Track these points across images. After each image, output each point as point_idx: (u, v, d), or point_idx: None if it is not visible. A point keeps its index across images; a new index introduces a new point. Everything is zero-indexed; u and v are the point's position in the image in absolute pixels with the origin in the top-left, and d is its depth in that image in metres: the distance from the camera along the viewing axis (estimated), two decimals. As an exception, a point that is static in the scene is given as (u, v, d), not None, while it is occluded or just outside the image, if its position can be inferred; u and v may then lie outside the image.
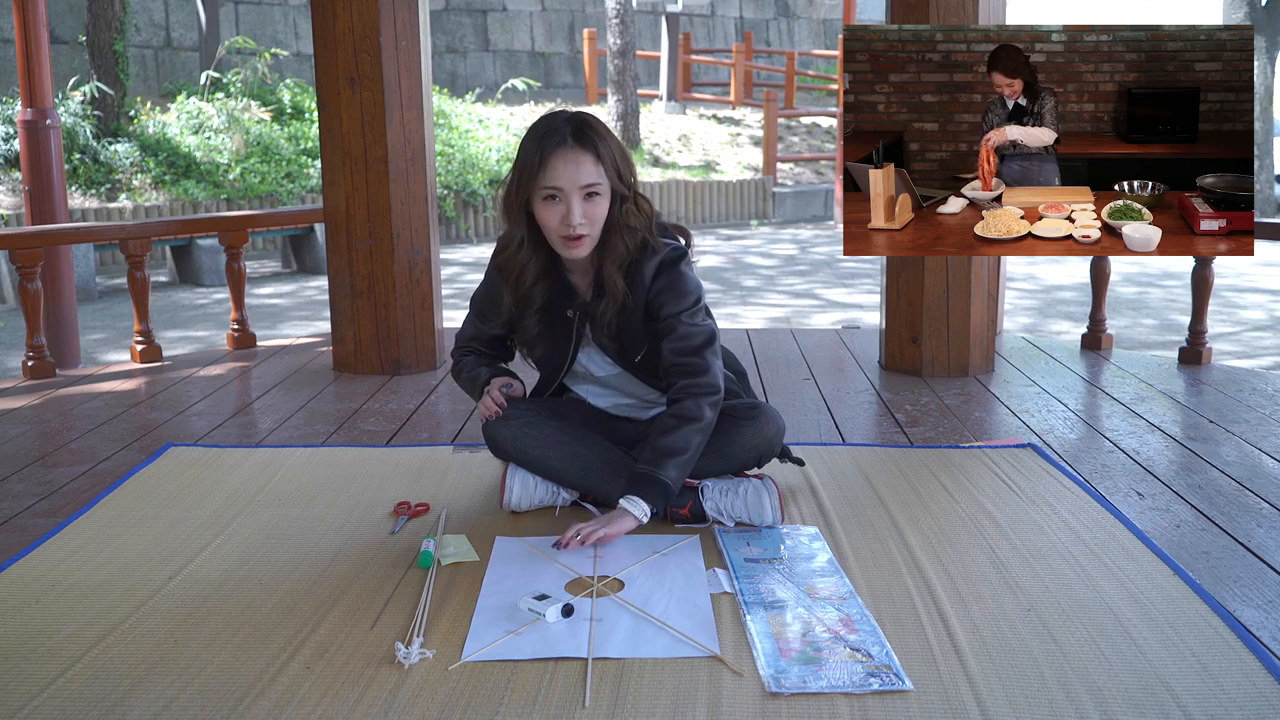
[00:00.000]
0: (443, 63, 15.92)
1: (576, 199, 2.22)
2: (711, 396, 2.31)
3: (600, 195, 2.24)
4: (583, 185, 2.21)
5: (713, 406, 2.32)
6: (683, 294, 2.33)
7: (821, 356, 4.39)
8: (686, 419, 2.29)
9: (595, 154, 2.22)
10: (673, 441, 2.28)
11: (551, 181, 2.21)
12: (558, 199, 2.23)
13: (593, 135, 2.23)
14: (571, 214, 2.22)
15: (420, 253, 4.10)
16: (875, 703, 1.66)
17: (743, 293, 8.60)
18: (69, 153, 9.98)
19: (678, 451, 2.27)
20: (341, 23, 3.90)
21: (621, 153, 2.29)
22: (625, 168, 2.28)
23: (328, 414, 3.58)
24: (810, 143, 15.90)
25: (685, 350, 2.32)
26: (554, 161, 2.21)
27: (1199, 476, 2.85)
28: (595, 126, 2.26)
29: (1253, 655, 1.81)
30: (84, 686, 1.73)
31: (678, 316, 2.32)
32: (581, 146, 2.22)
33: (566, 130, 2.22)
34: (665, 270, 2.33)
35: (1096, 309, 4.53)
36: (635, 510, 2.25)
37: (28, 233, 4.43)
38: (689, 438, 2.28)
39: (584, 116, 2.28)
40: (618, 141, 2.30)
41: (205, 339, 6.89)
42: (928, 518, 2.49)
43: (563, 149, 2.21)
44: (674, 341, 2.33)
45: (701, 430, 2.30)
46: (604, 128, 2.28)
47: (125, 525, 2.48)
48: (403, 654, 1.79)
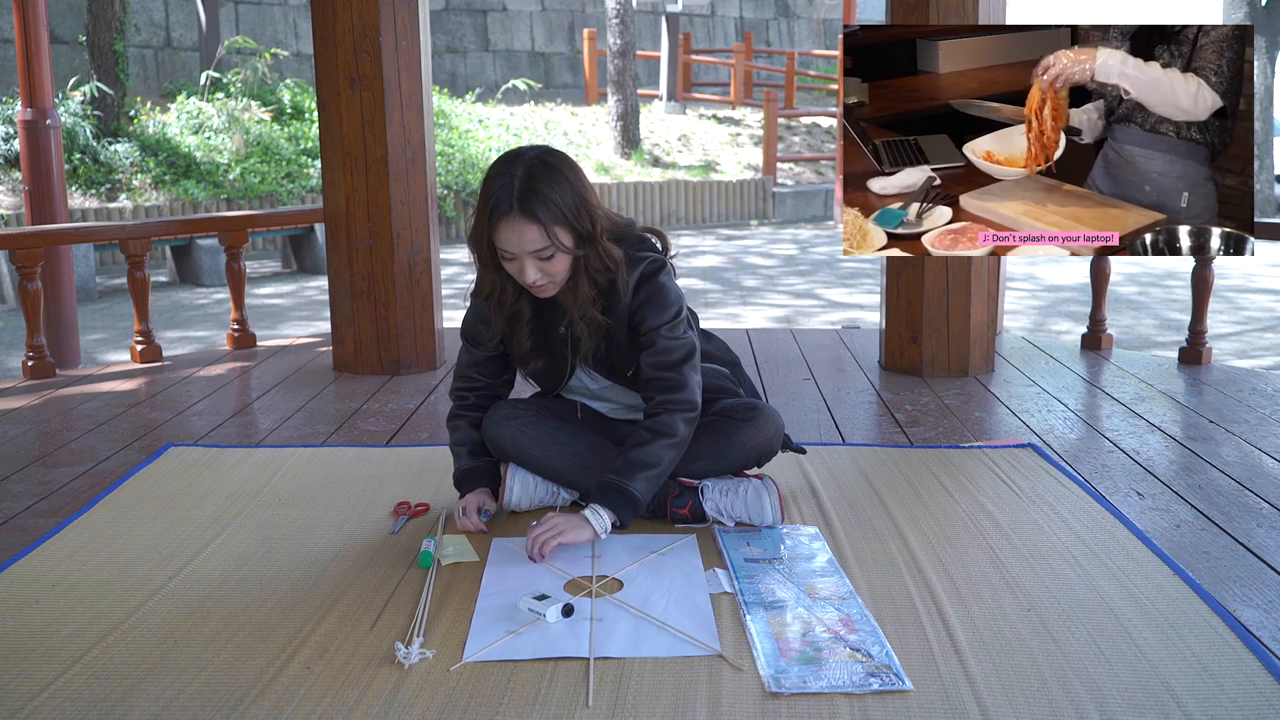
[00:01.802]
0: (443, 63, 15.92)
1: (530, 261, 2.20)
2: (688, 413, 2.32)
3: (554, 254, 2.21)
4: (530, 251, 2.19)
5: (688, 423, 2.32)
6: (663, 306, 2.32)
7: (821, 356, 4.40)
8: (661, 433, 2.29)
9: (540, 223, 2.16)
10: (645, 455, 2.29)
11: (503, 246, 2.21)
12: (513, 258, 2.22)
13: (535, 203, 2.15)
14: (525, 274, 2.22)
15: (420, 253, 4.10)
16: (875, 703, 1.66)
17: (743, 293, 8.59)
18: (69, 153, 9.98)
19: (649, 465, 2.29)
20: (341, 23, 3.91)
21: (575, 205, 2.19)
22: (581, 220, 2.20)
23: (328, 414, 3.58)
24: (810, 143, 15.90)
25: (663, 365, 2.32)
26: (501, 229, 2.18)
27: (1199, 476, 2.85)
28: (540, 190, 2.15)
29: (1253, 655, 1.81)
30: (84, 686, 1.73)
31: (658, 330, 2.31)
32: (525, 217, 2.16)
33: (513, 198, 2.16)
34: (645, 283, 2.31)
35: (1096, 309, 4.53)
36: (595, 523, 2.25)
37: (28, 233, 4.44)
38: (661, 453, 2.29)
39: (534, 176, 2.17)
40: (575, 190, 2.20)
41: (205, 339, 6.89)
42: (928, 518, 2.49)
43: (508, 218, 2.16)
44: (653, 355, 2.32)
45: (675, 446, 2.31)
46: (555, 179, 2.18)
47: (125, 525, 2.48)
48: (403, 654, 1.79)
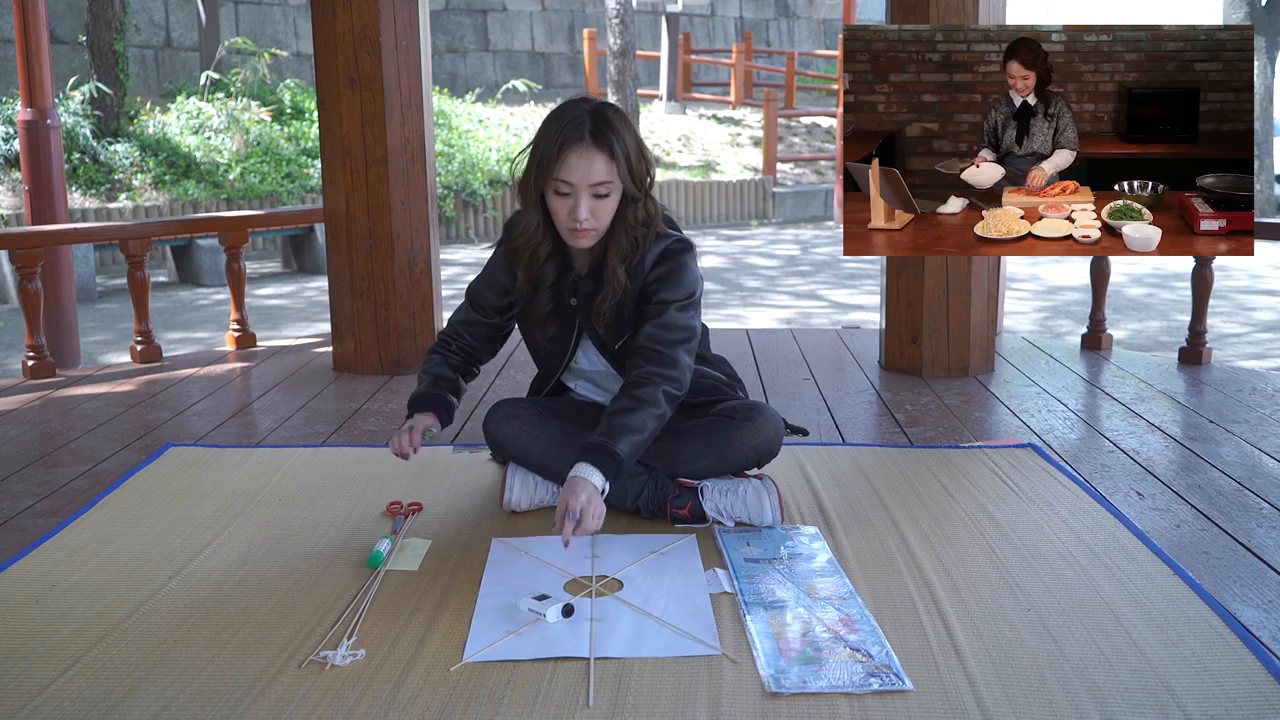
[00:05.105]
0: (443, 63, 15.91)
1: (585, 196, 2.23)
2: (674, 391, 2.29)
3: (610, 195, 2.25)
4: (593, 183, 2.22)
5: (671, 401, 2.29)
6: (680, 284, 2.34)
7: (821, 356, 4.39)
8: (646, 403, 2.25)
9: (610, 153, 2.22)
10: (630, 420, 2.23)
11: (565, 176, 2.23)
12: (569, 194, 2.24)
13: (610, 134, 2.23)
14: (578, 209, 2.24)
15: (420, 253, 4.10)
16: (875, 703, 1.66)
17: (745, 294, 8.59)
18: (69, 153, 9.98)
19: (635, 430, 2.22)
20: (341, 23, 3.90)
21: (638, 150, 2.28)
22: (639, 166, 2.28)
23: (328, 414, 3.58)
24: (810, 143, 15.90)
25: (661, 340, 2.30)
26: (569, 156, 2.21)
27: (1199, 476, 2.85)
28: (614, 124, 2.24)
29: (1253, 655, 1.81)
30: (84, 686, 1.73)
31: (669, 304, 2.32)
32: (597, 145, 2.22)
33: (586, 126, 2.22)
34: (669, 258, 2.34)
35: (1096, 309, 4.53)
36: (593, 479, 2.16)
37: (28, 233, 4.44)
38: (646, 422, 2.24)
39: (605, 113, 2.26)
40: (636, 137, 2.29)
41: (205, 339, 6.89)
42: (928, 518, 2.49)
43: (579, 145, 2.21)
44: (655, 327, 2.31)
45: (658, 418, 2.26)
46: (625, 123, 2.27)
47: (125, 525, 2.48)
48: (333, 656, 1.79)
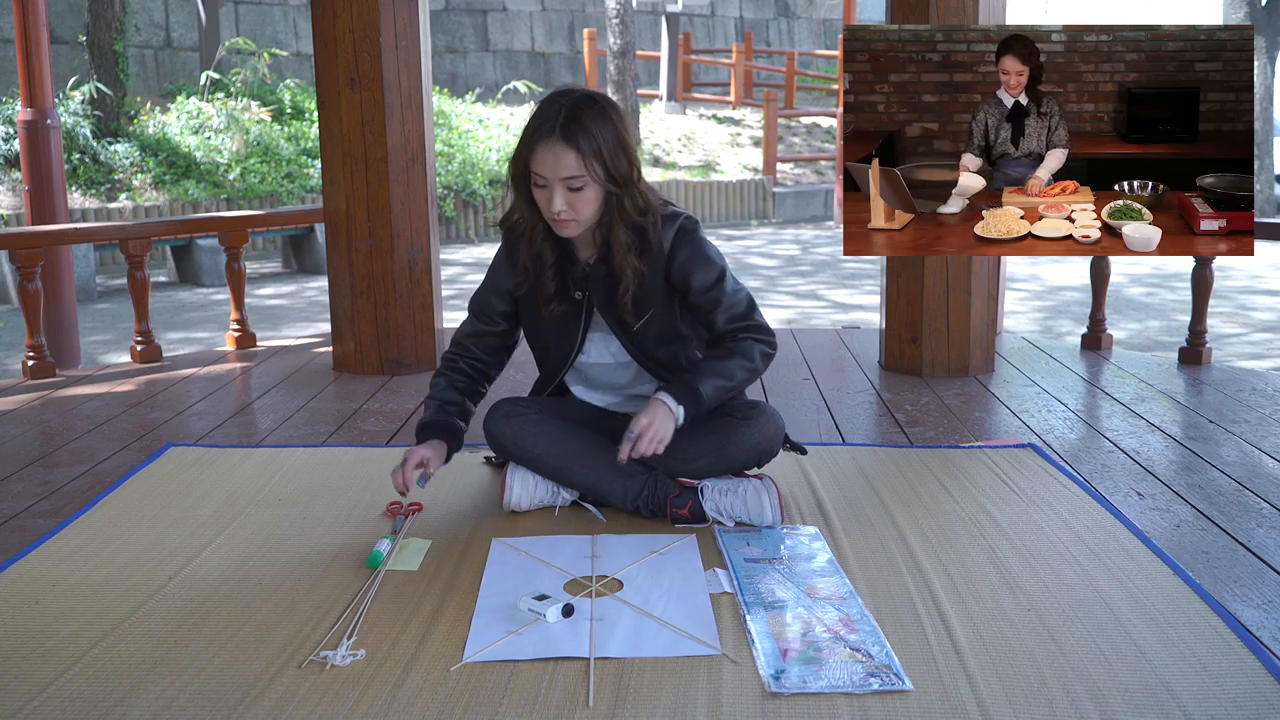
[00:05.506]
0: (443, 63, 15.91)
1: (559, 188, 2.23)
2: (767, 347, 2.42)
3: (585, 187, 2.24)
4: (563, 178, 2.22)
5: (765, 359, 2.42)
6: (708, 263, 2.38)
7: (821, 356, 4.39)
8: (740, 354, 2.38)
9: (578, 149, 2.20)
10: (720, 366, 2.37)
11: (536, 169, 2.24)
12: (545, 185, 2.25)
13: (579, 131, 2.19)
14: (553, 202, 2.24)
15: (420, 253, 4.10)
16: (875, 703, 1.66)
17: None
18: (69, 153, 9.98)
19: (722, 375, 2.36)
20: (341, 23, 3.90)
21: (615, 144, 2.23)
22: (617, 161, 2.24)
23: (328, 414, 3.58)
24: (810, 143, 15.90)
25: (737, 315, 2.41)
26: (539, 151, 2.23)
27: (1199, 476, 2.85)
28: (586, 120, 2.20)
29: (1253, 655, 1.81)
30: (84, 686, 1.73)
31: (715, 288, 2.38)
32: (566, 141, 2.20)
33: (558, 120, 2.21)
34: (685, 239, 2.36)
35: (1096, 309, 4.53)
36: (675, 410, 2.30)
37: (28, 233, 4.44)
38: (735, 370, 2.37)
39: (580, 109, 2.21)
40: (616, 131, 2.24)
41: (205, 339, 6.89)
42: (928, 518, 2.49)
43: (548, 140, 2.21)
44: (723, 312, 2.40)
45: (750, 370, 2.39)
46: (603, 116, 2.23)
47: (125, 525, 2.48)
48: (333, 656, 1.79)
